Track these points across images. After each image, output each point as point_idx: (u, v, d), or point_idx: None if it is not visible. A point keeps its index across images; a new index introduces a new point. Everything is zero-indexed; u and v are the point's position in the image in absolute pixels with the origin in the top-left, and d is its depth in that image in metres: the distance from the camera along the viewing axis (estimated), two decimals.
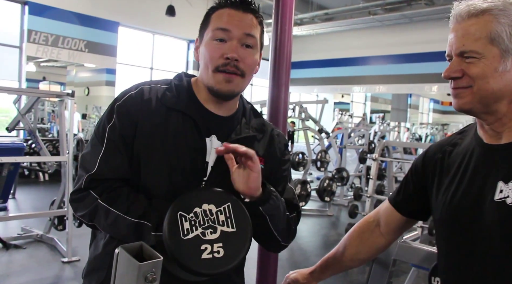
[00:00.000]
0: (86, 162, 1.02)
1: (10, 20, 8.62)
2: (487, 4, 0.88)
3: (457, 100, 0.93)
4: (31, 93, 4.53)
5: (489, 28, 0.87)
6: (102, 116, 1.07)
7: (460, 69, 0.90)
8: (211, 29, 1.03)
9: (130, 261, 0.63)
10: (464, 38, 0.89)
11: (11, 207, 5.58)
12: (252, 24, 1.05)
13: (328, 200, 6.55)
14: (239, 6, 1.04)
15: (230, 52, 1.00)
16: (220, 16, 1.04)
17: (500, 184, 0.88)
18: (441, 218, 1.01)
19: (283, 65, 2.03)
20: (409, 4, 10.00)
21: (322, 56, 13.59)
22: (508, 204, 0.86)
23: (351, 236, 1.25)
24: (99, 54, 9.63)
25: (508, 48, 0.87)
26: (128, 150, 1.01)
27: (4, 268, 3.64)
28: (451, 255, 0.99)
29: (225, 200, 0.92)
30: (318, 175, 8.85)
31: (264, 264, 2.05)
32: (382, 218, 1.20)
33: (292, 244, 5.42)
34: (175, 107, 1.04)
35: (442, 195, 1.01)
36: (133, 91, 1.05)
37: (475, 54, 0.88)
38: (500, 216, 0.87)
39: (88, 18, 9.34)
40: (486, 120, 0.93)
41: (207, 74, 1.04)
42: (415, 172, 1.13)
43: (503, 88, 0.88)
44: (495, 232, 0.88)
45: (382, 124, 9.80)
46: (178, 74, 1.14)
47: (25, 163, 7.28)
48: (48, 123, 9.94)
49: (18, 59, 8.62)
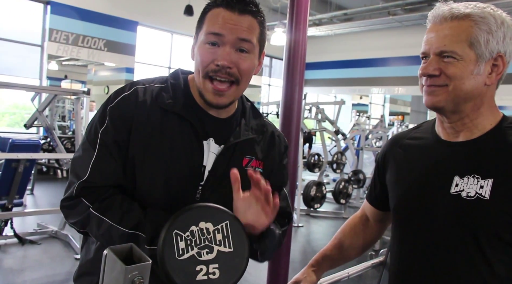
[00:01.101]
0: (77, 167, 0.96)
1: (33, 20, 8.79)
2: (469, 10, 0.94)
3: (431, 97, 0.98)
4: (48, 91, 4.59)
5: (470, 33, 0.93)
6: (93, 118, 1.00)
7: (438, 67, 0.95)
8: (205, 32, 0.97)
9: (117, 264, 0.60)
10: (446, 38, 0.94)
11: (29, 202, 5.67)
12: (248, 27, 0.96)
13: (344, 202, 6.47)
14: (235, 7, 0.95)
15: (221, 59, 0.94)
16: (214, 17, 0.96)
17: (456, 178, 0.96)
18: (398, 207, 1.08)
19: (298, 65, 2.00)
20: (430, 4, 9.79)
21: (340, 57, 13.47)
22: (463, 197, 0.94)
23: (344, 230, 1.30)
24: (118, 53, 9.73)
25: (483, 53, 0.93)
26: (121, 155, 0.96)
27: (19, 263, 3.69)
28: (406, 242, 1.05)
29: (223, 218, 0.87)
30: (334, 176, 8.75)
31: (275, 266, 2.02)
32: (367, 213, 1.30)
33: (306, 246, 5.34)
34: (172, 110, 0.98)
35: (399, 185, 1.08)
36: (127, 92, 0.99)
37: (455, 55, 0.93)
38: (455, 208, 0.95)
39: (107, 17, 9.46)
40: (450, 119, 1.00)
41: (198, 79, 0.99)
42: (378, 168, 1.21)
43: (473, 91, 0.95)
44: (450, 222, 0.96)
45: (400, 127, 9.65)
46: (174, 71, 1.09)
47: (43, 159, 7.39)
48: (68, 121, 10.11)
49: (39, 58, 8.78)
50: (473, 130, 0.99)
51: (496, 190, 0.91)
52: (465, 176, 0.95)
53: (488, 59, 0.94)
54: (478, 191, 0.92)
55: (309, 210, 6.42)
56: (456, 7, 0.95)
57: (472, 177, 0.94)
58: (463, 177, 0.95)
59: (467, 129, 0.99)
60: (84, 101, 3.98)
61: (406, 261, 1.05)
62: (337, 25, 11.85)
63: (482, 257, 0.93)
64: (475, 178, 0.94)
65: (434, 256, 0.98)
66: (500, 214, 0.91)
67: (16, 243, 4.09)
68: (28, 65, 8.84)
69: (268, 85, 14.04)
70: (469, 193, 0.94)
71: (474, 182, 0.94)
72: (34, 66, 8.79)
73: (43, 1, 8.70)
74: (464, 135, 1.00)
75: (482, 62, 0.94)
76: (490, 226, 0.92)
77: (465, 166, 0.97)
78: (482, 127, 0.99)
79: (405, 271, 1.06)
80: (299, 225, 5.77)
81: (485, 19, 0.93)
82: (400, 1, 10.02)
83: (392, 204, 1.11)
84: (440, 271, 0.97)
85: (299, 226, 5.76)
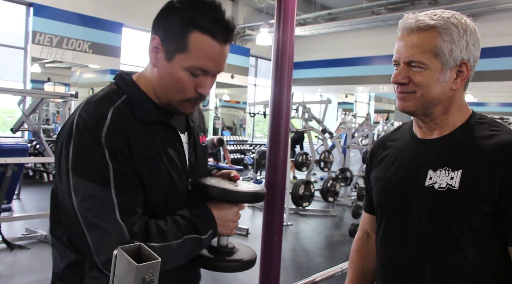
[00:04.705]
0: (103, 215, 0.87)
1: (15, 22, 8.66)
2: (433, 21, 1.01)
3: (402, 102, 1.06)
4: (35, 94, 4.55)
5: (434, 43, 1.00)
6: (79, 150, 0.89)
7: (407, 76, 1.03)
8: (189, 63, 0.94)
9: (128, 263, 0.63)
10: (414, 49, 1.01)
11: (15, 207, 5.61)
12: (226, 56, 0.99)
13: (332, 200, 6.54)
14: (220, 36, 0.94)
15: (206, 92, 0.99)
16: (201, 49, 0.93)
17: (430, 172, 1.04)
18: (380, 202, 1.17)
19: (285, 65, 2.02)
20: (413, 3, 9.95)
21: (325, 56, 13.56)
22: (435, 189, 1.02)
23: (352, 257, 1.34)
24: (103, 55, 9.65)
25: (448, 62, 1.01)
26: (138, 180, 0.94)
27: (8, 269, 3.66)
28: (388, 234, 1.14)
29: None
30: (322, 175, 8.83)
31: (266, 265, 2.04)
32: (368, 228, 1.32)
33: (296, 244, 5.42)
34: (150, 120, 0.99)
35: (380, 181, 1.16)
36: (108, 117, 0.92)
37: (422, 64, 1.01)
38: (429, 199, 1.03)
39: (92, 19, 9.37)
40: (423, 120, 1.09)
41: (172, 96, 0.99)
42: (367, 172, 1.27)
43: (441, 96, 1.03)
44: (425, 212, 1.04)
45: (386, 124, 9.77)
46: (121, 77, 1.03)
47: (29, 163, 7.31)
48: (53, 124, 9.99)
49: (23, 61, 8.66)
50: (445, 128, 1.07)
51: (465, 180, 0.98)
52: (437, 169, 1.03)
53: (453, 66, 1.02)
54: (448, 182, 1.00)
55: (298, 209, 6.47)
56: (422, 19, 1.02)
57: (444, 169, 1.02)
58: (436, 170, 1.03)
59: (439, 128, 1.08)
60: (71, 105, 3.96)
61: (389, 251, 1.13)
62: (321, 25, 11.94)
63: (455, 244, 1.00)
64: (446, 170, 1.01)
65: (412, 245, 1.06)
66: (469, 202, 0.98)
67: (4, 249, 4.06)
68: (11, 68, 8.70)
69: (254, 85, 14.07)
70: (441, 184, 1.01)
71: (445, 174, 1.01)
72: (18, 69, 8.65)
73: (25, 3, 8.57)
74: (437, 133, 1.08)
75: (447, 70, 1.01)
76: (460, 214, 0.99)
77: (437, 159, 1.04)
78: (452, 124, 1.07)
79: (388, 261, 1.14)
80: (288, 224, 5.82)
81: (449, 30, 1.00)
82: (383, 0, 10.13)
83: (375, 199, 1.20)
84: (418, 258, 1.05)
85: (288, 225, 5.81)
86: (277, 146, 1.93)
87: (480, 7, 9.19)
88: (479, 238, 0.99)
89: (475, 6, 9.03)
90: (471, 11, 8.39)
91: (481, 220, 0.98)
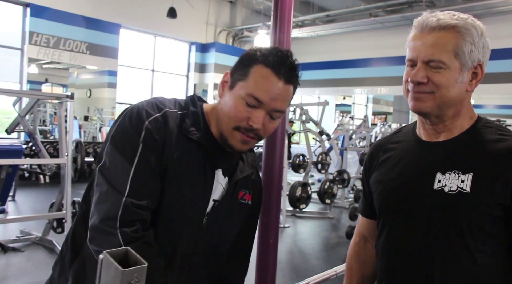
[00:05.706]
0: (114, 179, 0.93)
1: (12, 22, 8.63)
2: (455, 21, 0.99)
3: (418, 103, 1.03)
4: (30, 95, 4.52)
5: (456, 43, 0.98)
6: (123, 127, 0.98)
7: (426, 75, 1.00)
8: (247, 90, 0.97)
9: (113, 267, 0.61)
10: (435, 48, 0.99)
11: (11, 209, 5.57)
12: (287, 98, 1.01)
13: (329, 202, 6.53)
14: (282, 74, 0.98)
15: (255, 123, 0.98)
16: (261, 80, 0.97)
17: (438, 175, 1.02)
18: (383, 205, 1.14)
19: None
20: (410, 6, 9.97)
21: (323, 58, 13.56)
22: (446, 191, 1.00)
23: (350, 264, 1.31)
24: (100, 56, 9.63)
25: (466, 63, 0.99)
26: (159, 174, 0.96)
27: (1, 271, 3.62)
28: (392, 239, 1.11)
29: None
30: (319, 177, 8.82)
31: (262, 267, 2.03)
32: (365, 232, 1.29)
33: (292, 246, 5.40)
34: (193, 138, 1.00)
35: (383, 184, 1.13)
36: (158, 114, 0.99)
37: (442, 64, 0.98)
38: (439, 202, 1.01)
39: (89, 20, 9.35)
40: (433, 122, 1.06)
41: (225, 125, 1.01)
42: (365, 176, 1.24)
43: (457, 97, 1.01)
44: (434, 215, 1.02)
45: (383, 126, 9.77)
46: (191, 98, 1.09)
47: (25, 165, 7.27)
48: (50, 125, 9.94)
49: (19, 61, 8.62)
50: (453, 131, 1.06)
51: (476, 183, 0.97)
52: (446, 172, 1.01)
53: (470, 67, 1.00)
54: (459, 185, 0.98)
55: (294, 211, 6.45)
56: (443, 18, 1.00)
57: (453, 172, 1.00)
58: (444, 173, 1.01)
59: (447, 130, 1.06)
60: (68, 106, 3.93)
61: (394, 255, 1.10)
62: (319, 27, 11.95)
63: (464, 248, 0.99)
64: (456, 173, 1.00)
65: (419, 249, 1.04)
66: (480, 206, 0.97)
67: None
68: (7, 69, 8.66)
69: None
70: (451, 187, 0.99)
71: (455, 177, 0.99)
72: (14, 70, 8.62)
73: (22, 4, 8.54)
74: (445, 136, 1.06)
75: (465, 71, 1.00)
76: (471, 217, 0.98)
77: (446, 162, 1.03)
78: (460, 127, 1.06)
79: (393, 265, 1.11)
80: (285, 226, 5.80)
81: (469, 31, 0.99)
82: (381, 2, 10.16)
83: (377, 203, 1.16)
84: (426, 262, 1.03)
85: (285, 227, 5.79)
86: (273, 148, 1.92)
87: (477, 9, 9.20)
88: (488, 242, 0.99)
89: (472, 9, 9.03)
90: (468, 14, 8.39)
91: (491, 224, 0.98)
